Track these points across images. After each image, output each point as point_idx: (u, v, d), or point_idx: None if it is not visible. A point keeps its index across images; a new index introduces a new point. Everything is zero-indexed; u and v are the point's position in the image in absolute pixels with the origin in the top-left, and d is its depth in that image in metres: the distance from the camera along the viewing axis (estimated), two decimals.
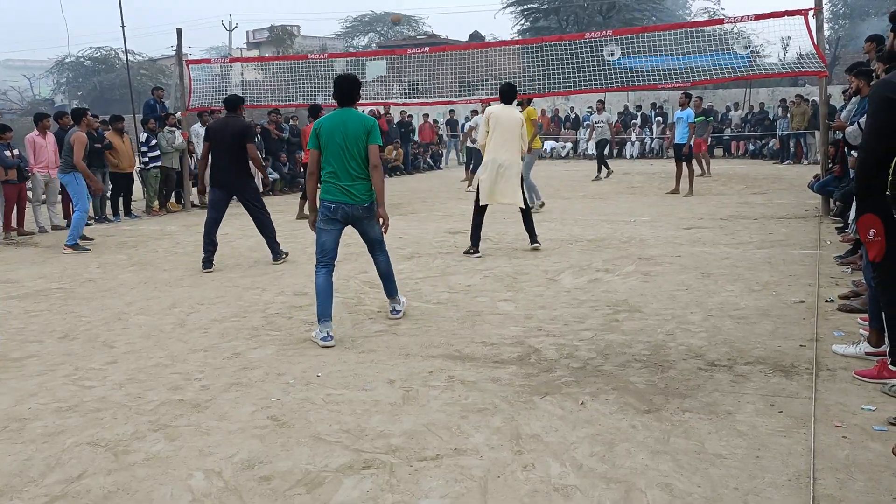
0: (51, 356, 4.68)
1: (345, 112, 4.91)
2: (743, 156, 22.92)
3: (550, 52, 12.51)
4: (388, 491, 2.82)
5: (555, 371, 4.09)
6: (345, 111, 4.92)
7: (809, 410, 3.43)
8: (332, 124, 4.89)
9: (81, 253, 8.66)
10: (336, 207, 4.90)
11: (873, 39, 7.14)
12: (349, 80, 4.98)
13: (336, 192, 4.89)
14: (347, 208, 4.90)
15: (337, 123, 4.88)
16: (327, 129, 4.89)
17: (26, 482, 2.99)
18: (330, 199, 4.90)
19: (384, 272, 5.29)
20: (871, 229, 3.50)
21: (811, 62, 10.35)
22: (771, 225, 9.07)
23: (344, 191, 4.89)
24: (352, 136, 4.86)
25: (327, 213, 4.91)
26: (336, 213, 4.91)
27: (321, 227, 4.96)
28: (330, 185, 4.91)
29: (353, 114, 4.91)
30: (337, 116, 4.91)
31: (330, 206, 4.90)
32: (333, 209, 4.90)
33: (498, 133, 7.64)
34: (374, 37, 52.83)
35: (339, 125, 4.87)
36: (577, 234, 8.82)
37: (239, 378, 4.14)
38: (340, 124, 4.87)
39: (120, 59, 42.19)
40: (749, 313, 5.13)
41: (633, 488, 2.78)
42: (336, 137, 4.86)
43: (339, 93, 4.96)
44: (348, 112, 4.91)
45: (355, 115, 4.92)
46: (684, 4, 46.04)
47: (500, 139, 7.63)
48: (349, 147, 4.85)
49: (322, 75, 13.50)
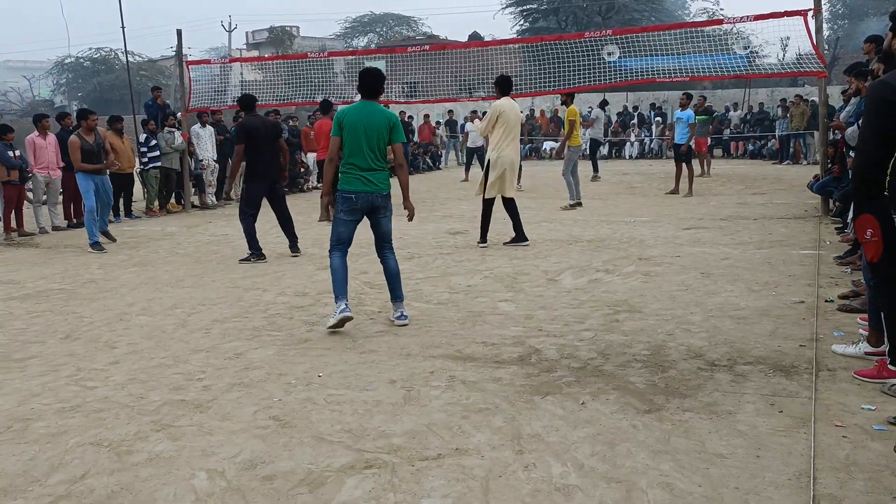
0: (53, 357, 4.69)
1: (368, 105, 5.10)
2: (742, 156, 22.94)
3: (549, 52, 12.52)
4: (390, 490, 2.83)
5: (555, 371, 4.11)
6: (368, 104, 5.11)
7: (809, 410, 3.44)
8: (355, 115, 5.05)
9: (100, 253, 8.67)
10: (357, 197, 5.04)
11: (873, 40, 7.15)
12: (373, 74, 5.14)
13: (357, 182, 5.04)
14: (369, 197, 5.06)
15: (361, 115, 5.04)
16: (351, 119, 5.04)
17: (30, 482, 3.00)
18: (350, 189, 5.04)
19: (393, 272, 5.28)
20: (868, 230, 3.52)
21: (810, 62, 10.37)
22: (770, 225, 9.09)
23: (365, 181, 5.03)
24: (374, 129, 5.03)
25: (349, 205, 5.06)
26: (357, 202, 5.05)
27: (342, 218, 5.09)
28: (350, 176, 5.04)
29: (377, 107, 5.11)
30: (361, 108, 5.09)
31: (351, 196, 5.05)
32: (355, 199, 5.04)
33: (506, 129, 7.77)
34: (374, 38, 52.86)
35: (362, 117, 5.03)
36: (576, 235, 8.84)
37: (241, 378, 4.16)
38: (364, 116, 5.04)
39: (120, 60, 42.23)
40: (749, 313, 5.14)
41: (633, 488, 2.79)
42: (359, 128, 5.01)
43: (363, 86, 5.13)
44: (372, 105, 5.10)
45: (379, 108, 5.12)
46: (683, 5, 46.04)
47: (507, 135, 7.79)
48: (371, 138, 5.03)
49: (322, 75, 13.51)
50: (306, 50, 42.35)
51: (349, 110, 5.09)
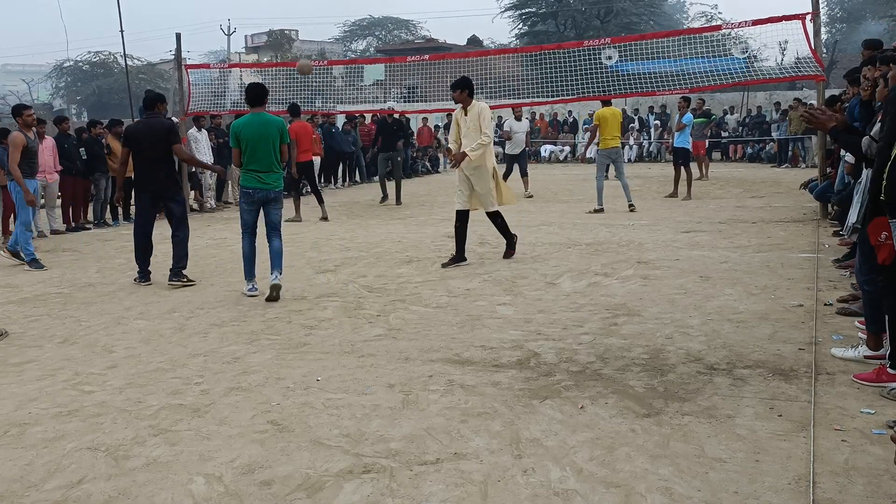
0: (50, 361, 4.68)
1: (259, 115, 6.20)
2: (741, 159, 22.96)
3: (549, 58, 12.54)
4: (389, 495, 2.82)
5: (554, 375, 4.10)
6: (259, 115, 6.20)
7: (809, 414, 3.43)
8: (250, 126, 6.19)
9: (31, 269, 7.86)
10: (254, 192, 6.25)
11: (870, 45, 7.10)
12: (257, 87, 6.32)
13: (254, 181, 6.23)
14: (263, 192, 6.25)
15: (255, 125, 6.19)
16: (246, 131, 6.20)
17: (27, 487, 2.99)
18: (249, 186, 6.26)
19: (276, 251, 6.31)
20: (883, 232, 3.51)
21: (808, 66, 10.36)
22: (769, 228, 9.09)
23: (260, 180, 6.24)
24: (268, 137, 6.20)
25: (248, 198, 6.32)
26: (254, 196, 6.27)
27: (244, 208, 6.40)
28: (249, 176, 6.31)
29: (266, 116, 6.25)
30: (253, 119, 6.22)
31: (249, 191, 6.27)
32: (252, 193, 6.27)
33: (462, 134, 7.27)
34: (373, 41, 52.96)
35: (256, 127, 6.19)
36: (575, 238, 8.83)
37: (239, 382, 4.14)
38: (258, 126, 6.19)
39: (119, 64, 42.26)
40: (748, 317, 5.14)
41: (632, 492, 2.78)
42: (254, 138, 6.18)
43: (249, 98, 6.26)
44: (262, 115, 6.22)
45: (268, 117, 6.26)
46: (682, 9, 46.14)
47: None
48: (266, 143, 6.25)
49: (321, 80, 13.52)
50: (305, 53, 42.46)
51: (243, 123, 6.18)
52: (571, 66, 12.03)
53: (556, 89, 12.30)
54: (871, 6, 37.34)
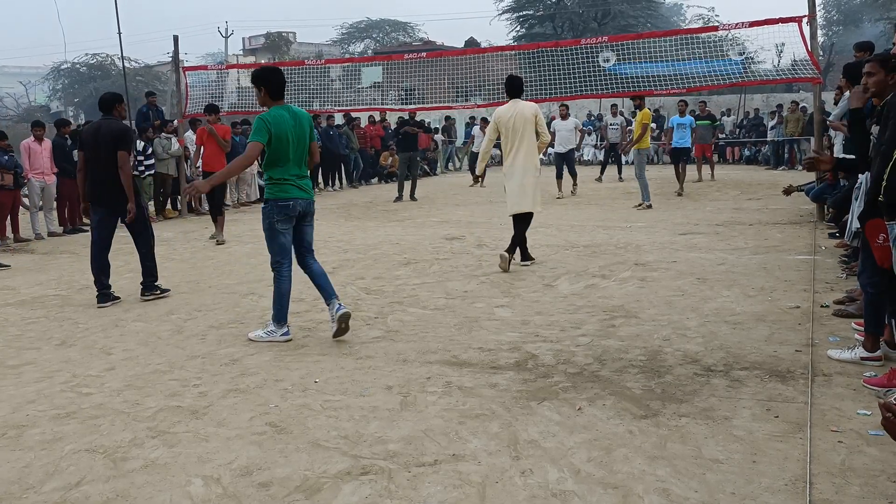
0: (48, 363, 4.68)
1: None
2: (738, 161, 23.00)
3: (546, 58, 12.56)
4: (387, 497, 2.83)
5: (552, 377, 4.11)
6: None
7: (805, 415, 3.44)
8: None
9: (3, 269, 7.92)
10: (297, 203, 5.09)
11: (864, 48, 7.09)
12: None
13: (293, 189, 5.05)
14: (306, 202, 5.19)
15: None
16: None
17: (25, 489, 2.99)
18: (288, 196, 5.04)
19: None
20: (882, 234, 3.53)
21: (805, 69, 10.39)
22: (766, 230, 9.11)
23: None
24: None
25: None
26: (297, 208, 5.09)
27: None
28: (287, 185, 5.03)
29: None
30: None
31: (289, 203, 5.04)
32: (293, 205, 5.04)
33: (508, 138, 7.19)
34: (370, 43, 52.96)
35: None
36: (572, 240, 8.84)
37: (237, 384, 4.15)
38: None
39: (116, 66, 42.19)
40: (745, 318, 5.15)
41: (630, 493, 2.79)
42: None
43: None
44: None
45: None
46: (679, 11, 46.23)
47: (509, 144, 7.21)
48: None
49: (318, 82, 13.53)
50: (303, 55, 42.47)
51: (275, 115, 4.89)
52: (568, 66, 12.05)
53: (554, 89, 12.31)
54: (867, 9, 37.44)
